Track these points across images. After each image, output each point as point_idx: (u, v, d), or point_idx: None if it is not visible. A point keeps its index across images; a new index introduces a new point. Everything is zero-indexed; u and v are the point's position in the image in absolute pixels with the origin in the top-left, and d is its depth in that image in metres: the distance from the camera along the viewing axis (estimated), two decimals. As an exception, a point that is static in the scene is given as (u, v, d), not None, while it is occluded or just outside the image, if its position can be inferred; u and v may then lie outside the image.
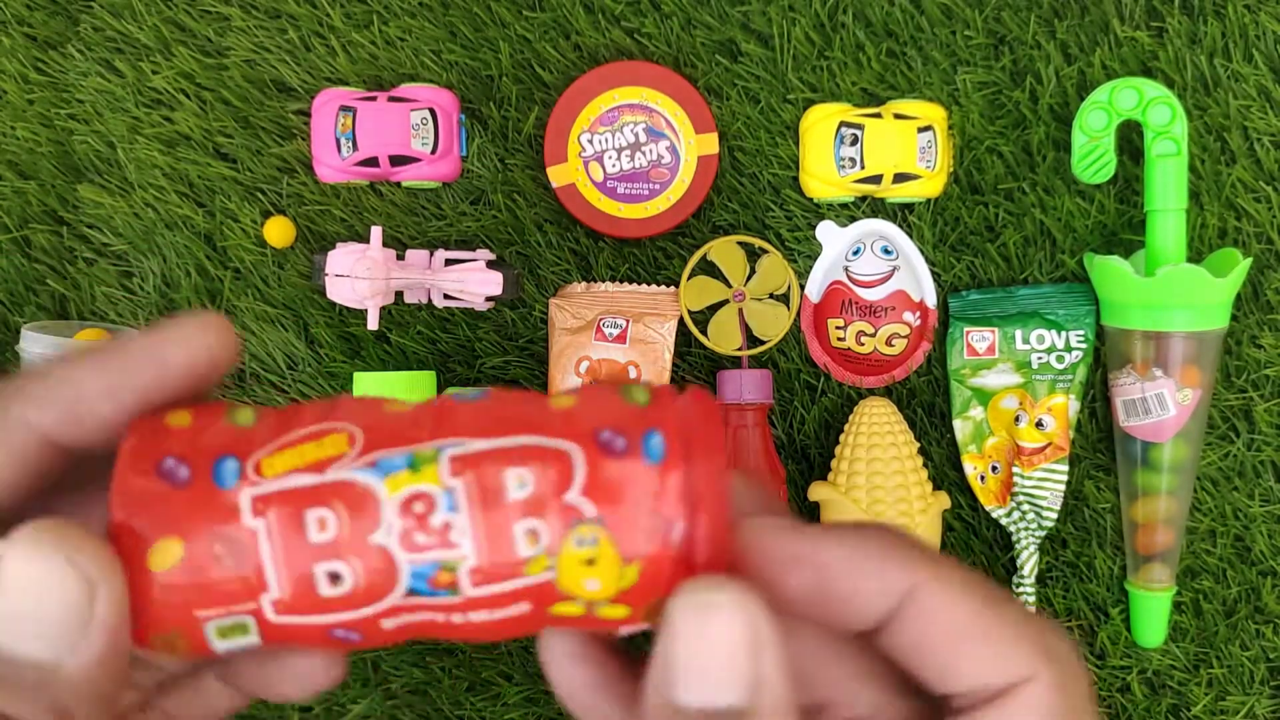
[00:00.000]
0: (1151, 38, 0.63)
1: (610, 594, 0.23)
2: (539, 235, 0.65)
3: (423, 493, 0.23)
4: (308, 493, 0.23)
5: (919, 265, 0.64)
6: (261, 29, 0.64)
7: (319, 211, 0.64)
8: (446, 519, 0.23)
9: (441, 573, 0.23)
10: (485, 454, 0.23)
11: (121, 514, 0.23)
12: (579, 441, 0.23)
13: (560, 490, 0.23)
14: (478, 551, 0.23)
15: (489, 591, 0.23)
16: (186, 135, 0.64)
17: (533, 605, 0.23)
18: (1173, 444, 0.61)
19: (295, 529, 0.22)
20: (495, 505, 0.23)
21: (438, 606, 0.23)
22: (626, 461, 0.23)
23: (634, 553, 0.23)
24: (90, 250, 0.65)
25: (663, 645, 0.22)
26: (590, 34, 0.64)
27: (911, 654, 0.24)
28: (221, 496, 0.23)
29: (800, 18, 0.64)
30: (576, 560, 0.23)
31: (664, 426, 0.23)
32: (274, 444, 0.23)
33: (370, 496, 0.23)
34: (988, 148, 0.64)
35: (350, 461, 0.23)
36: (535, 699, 0.65)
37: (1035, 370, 0.63)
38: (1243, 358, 0.64)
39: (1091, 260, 0.62)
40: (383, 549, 0.23)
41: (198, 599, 0.23)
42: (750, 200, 0.64)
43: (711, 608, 0.22)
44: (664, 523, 0.23)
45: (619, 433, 0.23)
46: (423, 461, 0.23)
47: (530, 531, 0.23)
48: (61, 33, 0.64)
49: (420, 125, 0.61)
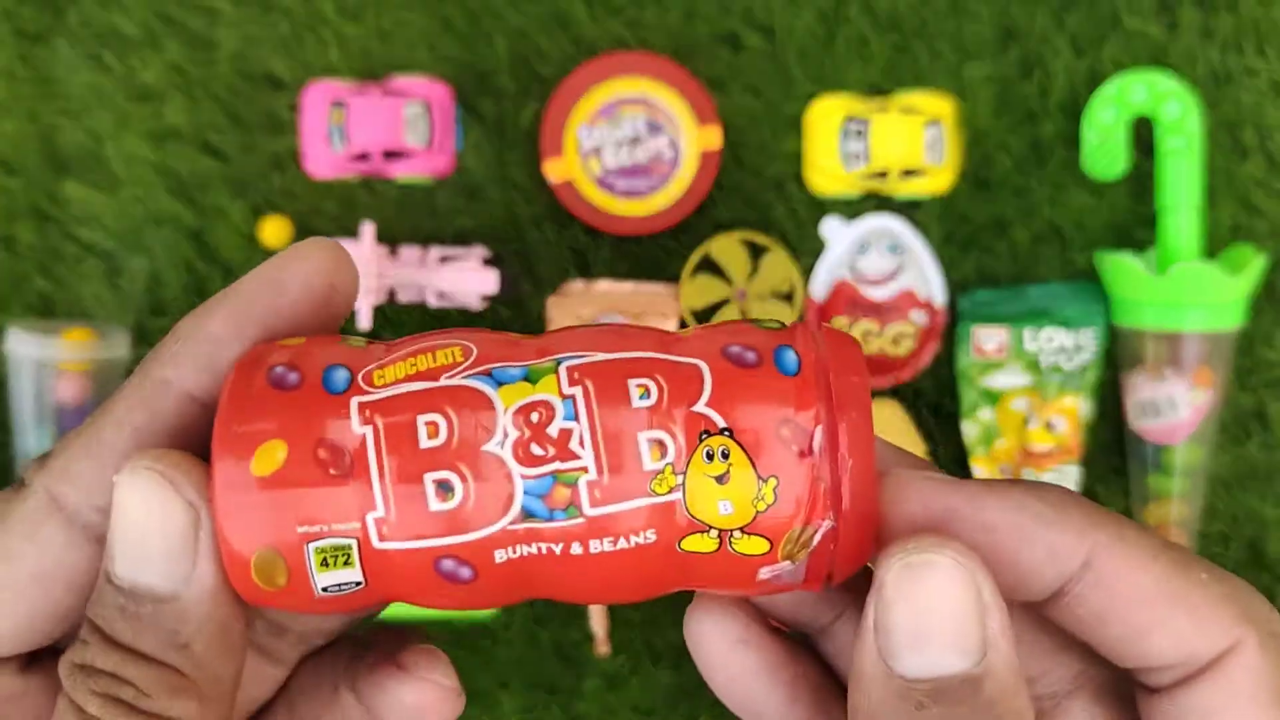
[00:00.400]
0: (1163, 31, 0.63)
1: (745, 519, 0.21)
2: (536, 232, 0.64)
3: (540, 401, 0.21)
4: (419, 397, 0.22)
5: (926, 263, 0.63)
6: (252, 21, 0.63)
7: (310, 207, 0.63)
8: (565, 426, 0.21)
9: (559, 488, 0.21)
10: (606, 363, 0.22)
11: (228, 419, 0.22)
12: (705, 358, 0.22)
13: (688, 402, 0.22)
14: (598, 462, 0.21)
15: (611, 510, 0.21)
16: (175, 130, 0.63)
17: (660, 534, 0.22)
18: (1185, 446, 0.61)
19: (404, 435, 0.21)
20: (617, 413, 0.21)
21: (555, 533, 0.21)
22: (758, 371, 0.22)
23: (770, 467, 0.21)
24: (77, 248, 0.64)
25: (877, 613, 0.21)
26: (588, 25, 0.63)
27: (1094, 626, 0.22)
28: (330, 401, 0.22)
29: (803, 9, 0.63)
30: (706, 476, 0.21)
31: (798, 345, 0.22)
32: (386, 357, 0.22)
33: (485, 403, 0.21)
34: (996, 143, 0.63)
35: (464, 370, 0.22)
36: (532, 708, 0.64)
37: (1045, 371, 0.63)
38: (1256, 358, 0.64)
39: (1102, 258, 0.62)
40: (497, 459, 0.21)
41: (299, 510, 0.21)
42: (753, 196, 0.64)
43: (930, 567, 0.20)
44: (800, 432, 0.21)
45: (749, 348, 0.22)
46: (540, 374, 0.22)
47: (655, 442, 0.21)
48: (48, 26, 0.63)
49: (414, 119, 0.61)
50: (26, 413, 0.61)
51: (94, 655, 0.21)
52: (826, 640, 0.26)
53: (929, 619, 0.20)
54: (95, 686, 0.21)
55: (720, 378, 0.22)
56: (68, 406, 0.61)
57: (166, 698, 0.21)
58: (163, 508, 0.21)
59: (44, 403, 0.61)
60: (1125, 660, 0.22)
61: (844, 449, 0.21)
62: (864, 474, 0.21)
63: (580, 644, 0.64)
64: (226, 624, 0.22)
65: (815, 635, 0.26)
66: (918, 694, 0.20)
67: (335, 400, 0.22)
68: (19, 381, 0.61)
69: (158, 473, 0.21)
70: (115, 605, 0.21)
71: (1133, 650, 0.22)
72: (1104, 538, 0.22)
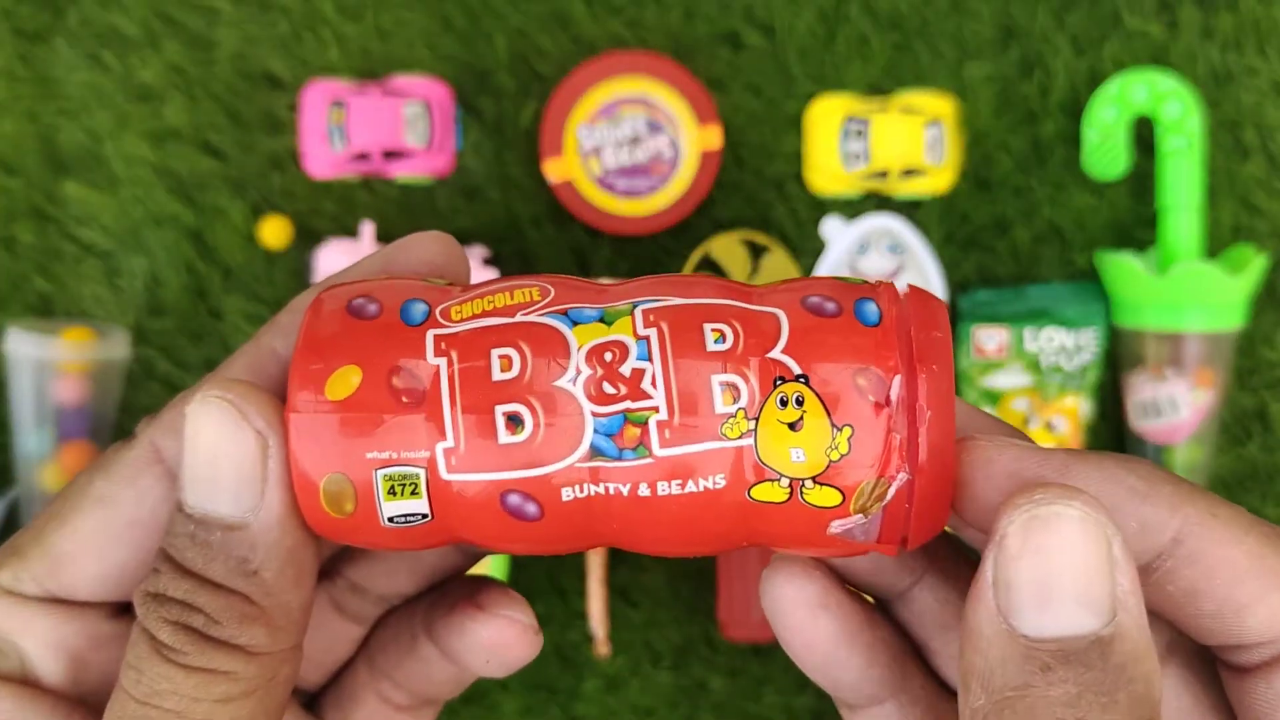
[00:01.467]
0: (1163, 30, 0.63)
1: (818, 468, 0.21)
2: (536, 232, 0.64)
3: (615, 341, 0.22)
4: (495, 332, 0.22)
5: (927, 263, 0.63)
6: (251, 21, 0.63)
7: (309, 207, 0.63)
8: (638, 366, 0.21)
9: (629, 427, 0.21)
10: (683, 307, 0.22)
11: (307, 344, 0.22)
12: (784, 306, 0.22)
13: (764, 347, 0.21)
14: (669, 402, 0.21)
15: (680, 452, 0.21)
16: (175, 129, 0.63)
17: (730, 479, 0.21)
18: (1186, 447, 0.61)
19: (478, 366, 0.22)
20: (691, 354, 0.21)
21: (623, 473, 0.21)
22: (836, 320, 0.22)
23: (845, 416, 0.21)
24: (76, 248, 0.64)
25: (997, 567, 0.19)
26: (588, 24, 0.63)
27: (1184, 602, 0.21)
28: (406, 331, 0.22)
29: (804, 8, 0.63)
30: (779, 424, 0.21)
31: (880, 299, 0.22)
32: (464, 296, 0.23)
33: (559, 340, 0.22)
34: (997, 143, 0.63)
35: (541, 308, 0.22)
36: (532, 709, 0.64)
37: (1045, 371, 0.63)
38: (1257, 358, 0.63)
39: (1103, 258, 0.61)
40: (568, 394, 0.21)
41: (369, 436, 0.21)
42: (753, 196, 0.64)
43: (1060, 519, 0.19)
44: (877, 381, 0.21)
45: (829, 298, 0.22)
46: (616, 315, 0.22)
47: (729, 385, 0.21)
48: (48, 25, 0.63)
49: (414, 119, 0.61)
50: (26, 413, 0.61)
51: (165, 583, 0.22)
52: (904, 606, 0.25)
53: (1057, 574, 0.19)
54: (167, 615, 0.21)
55: (798, 325, 0.22)
56: (67, 406, 0.61)
57: (236, 625, 0.21)
58: (233, 435, 0.21)
59: (44, 403, 0.61)
60: (1217, 637, 0.22)
61: (922, 401, 0.21)
62: (942, 429, 0.21)
63: (580, 645, 0.64)
64: (295, 552, 0.22)
65: (893, 600, 0.25)
66: (1043, 655, 0.19)
67: (412, 331, 0.22)
68: (19, 381, 0.61)
69: (228, 402, 0.21)
70: (186, 534, 0.22)
71: (1226, 627, 0.21)
72: (1194, 512, 0.21)
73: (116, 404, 0.63)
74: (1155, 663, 0.19)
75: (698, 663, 0.65)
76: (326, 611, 0.27)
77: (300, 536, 0.22)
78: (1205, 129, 0.62)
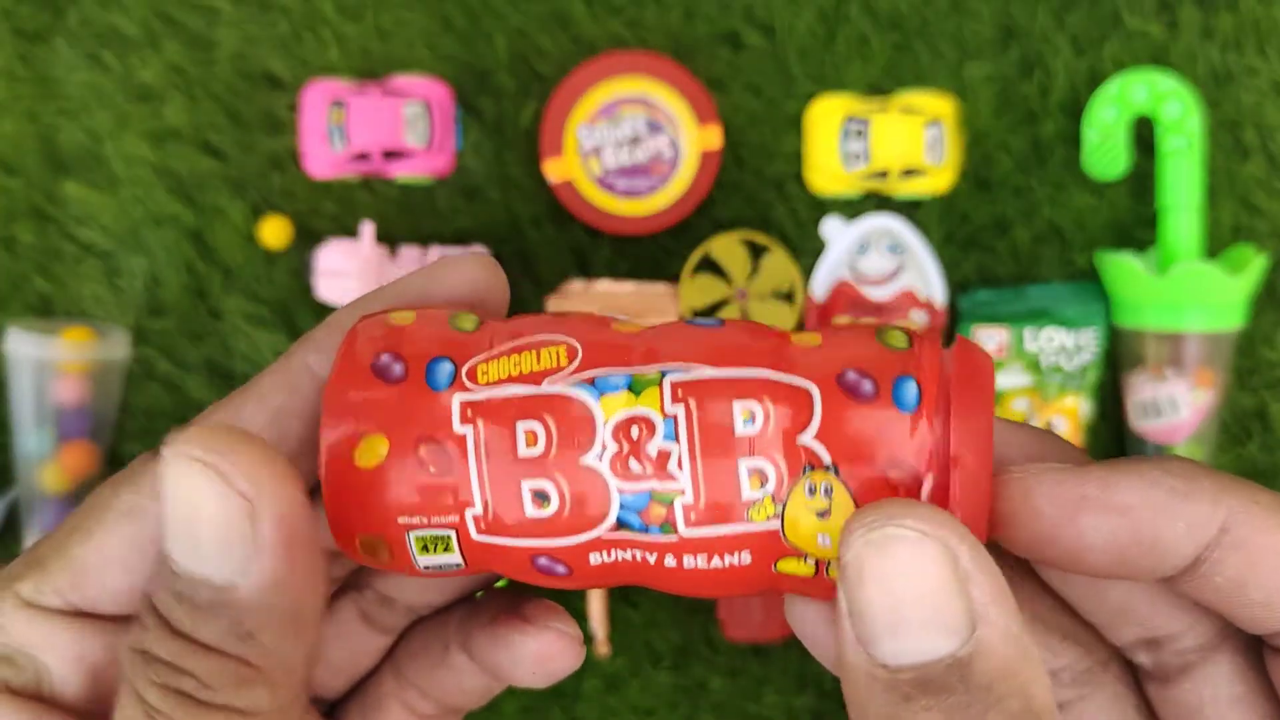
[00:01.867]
0: (1163, 30, 0.63)
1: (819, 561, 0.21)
2: (536, 232, 0.64)
3: (641, 416, 0.21)
4: (520, 403, 0.21)
5: (927, 263, 0.63)
6: (251, 21, 0.63)
7: (309, 207, 0.63)
8: (664, 447, 0.21)
9: (654, 505, 0.21)
10: (712, 382, 0.21)
11: (333, 408, 0.22)
12: (819, 381, 0.21)
13: (794, 431, 0.21)
14: (695, 487, 0.21)
15: (706, 534, 0.21)
16: (175, 129, 0.63)
17: (755, 557, 0.21)
18: (1186, 447, 0.61)
19: (504, 440, 0.21)
20: (719, 438, 0.21)
21: (650, 545, 0.21)
22: (873, 407, 0.21)
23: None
24: (76, 248, 0.64)
25: (849, 595, 0.19)
26: (588, 24, 0.63)
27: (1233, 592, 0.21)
28: (432, 398, 0.22)
29: (804, 8, 0.63)
30: (807, 511, 0.21)
31: (921, 374, 0.21)
32: (491, 351, 0.22)
33: (585, 414, 0.21)
34: (997, 143, 0.63)
35: (567, 376, 0.21)
36: (532, 709, 0.64)
37: (1045, 371, 0.63)
38: (1257, 358, 0.63)
39: (1103, 258, 0.61)
40: (594, 472, 0.21)
41: (400, 503, 0.22)
42: (753, 196, 0.64)
43: (894, 542, 0.18)
44: (910, 478, 0.20)
45: (866, 375, 0.21)
46: (644, 385, 0.21)
47: (756, 472, 0.21)
48: (48, 25, 0.63)
49: (414, 119, 0.61)
50: (26, 413, 0.61)
51: (152, 641, 0.20)
52: None
53: (901, 599, 0.18)
54: (154, 676, 0.20)
55: (831, 408, 0.21)
56: (67, 406, 0.61)
57: (232, 689, 0.20)
58: (214, 501, 0.20)
59: (44, 403, 0.61)
60: (1266, 625, 0.22)
61: (955, 499, 0.20)
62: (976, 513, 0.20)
63: (580, 644, 0.64)
64: (295, 609, 0.21)
65: None
66: (903, 685, 0.18)
67: (438, 397, 0.22)
68: (19, 381, 0.61)
69: (206, 465, 0.20)
70: (172, 591, 0.20)
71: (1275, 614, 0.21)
72: (1237, 502, 0.21)
73: (116, 404, 0.63)
74: (1035, 669, 0.19)
75: (698, 663, 0.65)
76: (354, 622, 0.27)
77: (302, 592, 0.21)
78: (1205, 129, 0.62)
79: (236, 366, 0.64)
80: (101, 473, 0.63)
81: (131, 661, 0.21)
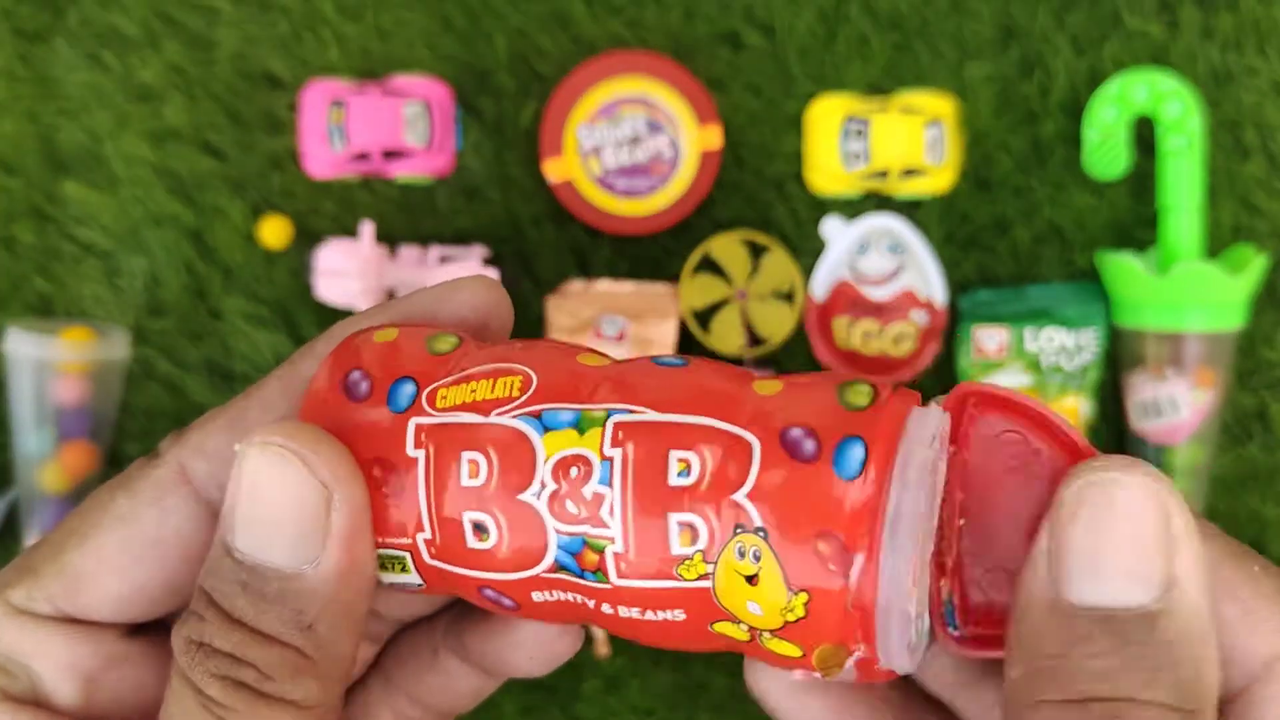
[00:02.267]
0: (1163, 30, 0.63)
1: (775, 624, 0.20)
2: (536, 232, 0.64)
3: (581, 456, 0.20)
4: (468, 431, 0.21)
5: (927, 263, 0.63)
6: (251, 21, 0.63)
7: (309, 207, 0.63)
8: (599, 491, 0.20)
9: (588, 551, 0.20)
10: (653, 426, 0.20)
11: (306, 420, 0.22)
12: (762, 435, 0.20)
13: (729, 487, 0.19)
14: (624, 536, 0.20)
15: (637, 585, 0.20)
16: (175, 129, 0.63)
17: (689, 615, 0.20)
18: (1187, 447, 0.61)
19: (450, 468, 0.21)
20: (651, 487, 0.20)
21: (587, 590, 0.21)
22: (810, 468, 0.19)
23: (800, 582, 0.19)
24: (76, 247, 0.64)
25: (1052, 535, 0.19)
26: (588, 24, 0.63)
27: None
28: (390, 419, 0.21)
29: (804, 8, 0.63)
30: (736, 573, 0.19)
31: (872, 438, 0.19)
32: (454, 375, 0.22)
33: (527, 449, 0.21)
34: (997, 143, 0.63)
35: (516, 408, 0.21)
36: (532, 709, 0.64)
37: (1046, 371, 0.63)
38: (1257, 358, 0.63)
39: (1103, 258, 0.61)
40: (531, 509, 0.20)
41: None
42: (753, 196, 0.63)
43: (1116, 486, 0.18)
44: (839, 553, 0.19)
45: (812, 433, 0.19)
46: (589, 423, 0.20)
47: (687, 527, 0.20)
48: (48, 25, 0.63)
49: (414, 119, 0.61)
50: (26, 413, 0.61)
51: (212, 634, 0.21)
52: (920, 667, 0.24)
53: (1108, 543, 0.18)
54: (215, 669, 0.20)
55: (768, 465, 0.19)
56: (67, 406, 0.61)
57: (289, 680, 0.20)
58: (296, 487, 0.21)
59: (43, 402, 0.61)
60: None
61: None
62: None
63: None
64: (352, 604, 0.21)
65: None
66: (1085, 623, 0.18)
67: (396, 419, 0.21)
68: (19, 381, 0.61)
69: (291, 451, 0.21)
70: (236, 581, 0.21)
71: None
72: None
73: (116, 404, 0.63)
74: (1212, 651, 0.18)
75: (698, 663, 0.64)
76: None
77: (359, 589, 0.21)
78: (1205, 129, 0.61)
79: (236, 366, 0.64)
80: (101, 473, 0.63)
81: (187, 653, 0.21)
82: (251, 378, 0.63)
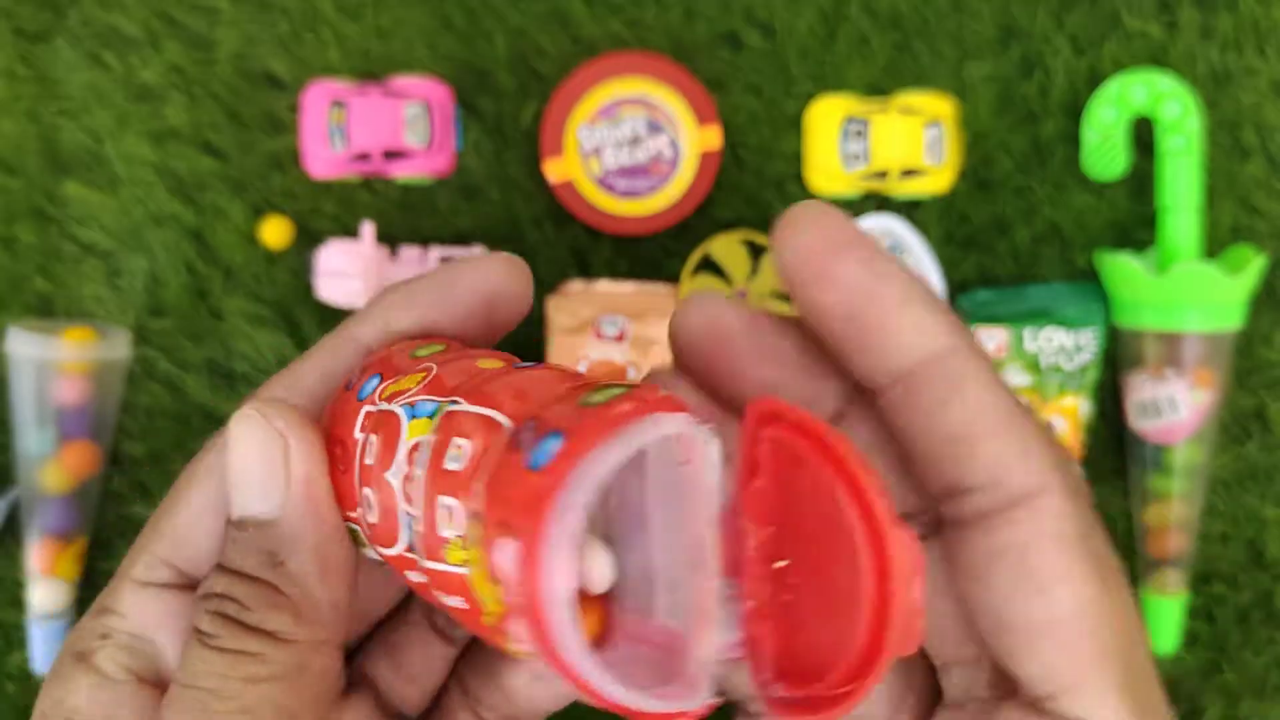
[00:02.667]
0: (1163, 30, 0.63)
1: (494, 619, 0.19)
2: (536, 232, 0.64)
3: (421, 442, 0.22)
4: (375, 416, 0.23)
5: (926, 263, 0.63)
6: (251, 21, 0.63)
7: (310, 207, 0.63)
8: (415, 474, 0.22)
9: (414, 532, 0.21)
10: (457, 416, 0.21)
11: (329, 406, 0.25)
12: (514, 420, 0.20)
13: (480, 475, 0.20)
14: (421, 518, 0.21)
15: (433, 568, 0.21)
16: (175, 129, 0.63)
17: (469, 605, 0.20)
18: (1185, 447, 0.61)
19: (366, 449, 0.23)
20: (435, 470, 0.21)
21: (423, 571, 0.21)
22: (513, 458, 0.19)
23: (494, 572, 0.19)
24: (77, 248, 0.64)
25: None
26: (588, 24, 0.63)
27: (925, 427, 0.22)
28: (354, 406, 0.24)
29: (804, 8, 0.63)
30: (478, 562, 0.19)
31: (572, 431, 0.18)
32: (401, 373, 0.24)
33: (398, 433, 0.22)
34: (996, 143, 0.63)
35: (407, 395, 0.23)
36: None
37: (1045, 371, 0.63)
38: (1256, 358, 0.63)
39: (1102, 258, 0.61)
40: (390, 487, 0.22)
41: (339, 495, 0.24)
42: (753, 196, 0.63)
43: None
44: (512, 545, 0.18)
45: (537, 423, 0.19)
46: (438, 413, 0.22)
47: (447, 510, 0.20)
48: (48, 25, 0.63)
49: (414, 119, 0.61)
50: (27, 413, 0.61)
51: (211, 582, 0.24)
52: None
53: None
54: (208, 606, 0.23)
55: (498, 455, 0.19)
56: (68, 406, 0.61)
57: (264, 610, 0.23)
58: (258, 439, 0.23)
59: (44, 403, 0.61)
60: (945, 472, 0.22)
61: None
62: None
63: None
64: (322, 546, 0.24)
65: None
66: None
67: (357, 406, 0.24)
68: (19, 381, 0.61)
69: (255, 411, 0.24)
70: (229, 537, 0.24)
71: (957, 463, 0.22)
72: (964, 344, 0.22)
73: (117, 404, 0.63)
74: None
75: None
76: (425, 633, 0.28)
77: (328, 533, 0.24)
78: (1205, 129, 0.62)
79: (237, 367, 0.64)
80: (102, 473, 0.63)
81: (195, 604, 0.24)
82: (252, 377, 0.63)
